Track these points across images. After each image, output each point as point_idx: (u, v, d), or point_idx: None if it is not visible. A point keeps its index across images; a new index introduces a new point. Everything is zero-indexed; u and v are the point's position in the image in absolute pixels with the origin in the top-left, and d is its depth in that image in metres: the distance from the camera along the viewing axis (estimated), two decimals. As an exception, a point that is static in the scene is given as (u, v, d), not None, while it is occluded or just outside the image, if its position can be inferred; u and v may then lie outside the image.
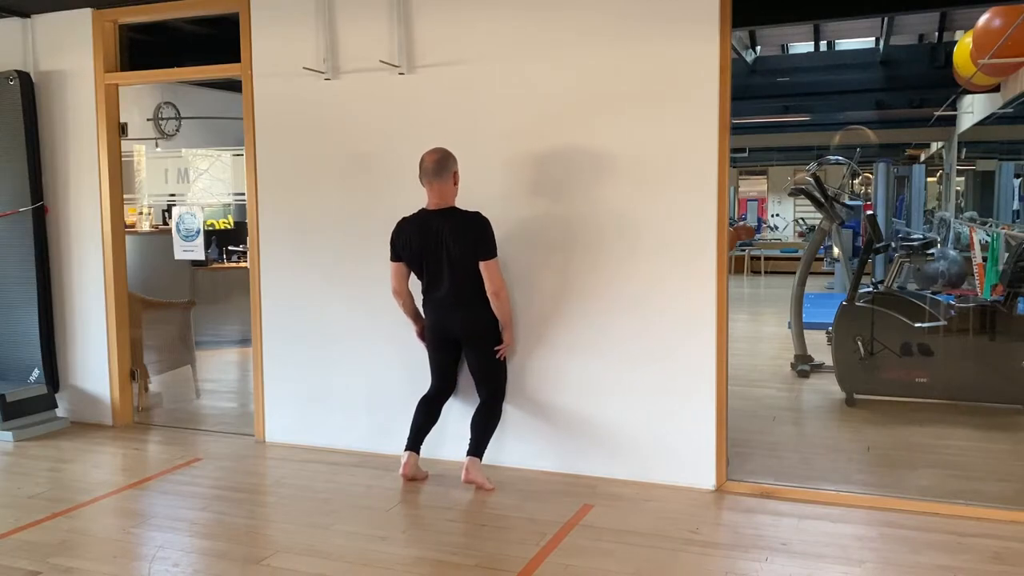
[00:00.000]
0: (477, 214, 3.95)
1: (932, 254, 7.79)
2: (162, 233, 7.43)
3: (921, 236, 9.48)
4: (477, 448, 4.02)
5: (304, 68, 4.58)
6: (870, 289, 6.02)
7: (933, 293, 6.65)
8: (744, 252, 14.91)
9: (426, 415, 4.16)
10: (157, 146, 8.55)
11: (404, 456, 4.11)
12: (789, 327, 6.83)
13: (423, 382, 4.25)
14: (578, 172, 4.13)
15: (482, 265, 3.90)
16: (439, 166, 3.93)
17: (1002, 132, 8.83)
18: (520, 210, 4.24)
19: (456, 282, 3.93)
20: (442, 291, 3.97)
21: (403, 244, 4.01)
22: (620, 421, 4.14)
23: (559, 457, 4.27)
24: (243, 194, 4.89)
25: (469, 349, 4.09)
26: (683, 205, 3.96)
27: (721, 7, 3.84)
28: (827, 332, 6.41)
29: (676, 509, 3.76)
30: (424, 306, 4.11)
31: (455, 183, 4.00)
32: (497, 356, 4.07)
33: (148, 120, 8.73)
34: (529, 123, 4.20)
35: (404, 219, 4.03)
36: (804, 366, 6.45)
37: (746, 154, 15.33)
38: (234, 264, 8.17)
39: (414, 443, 4.12)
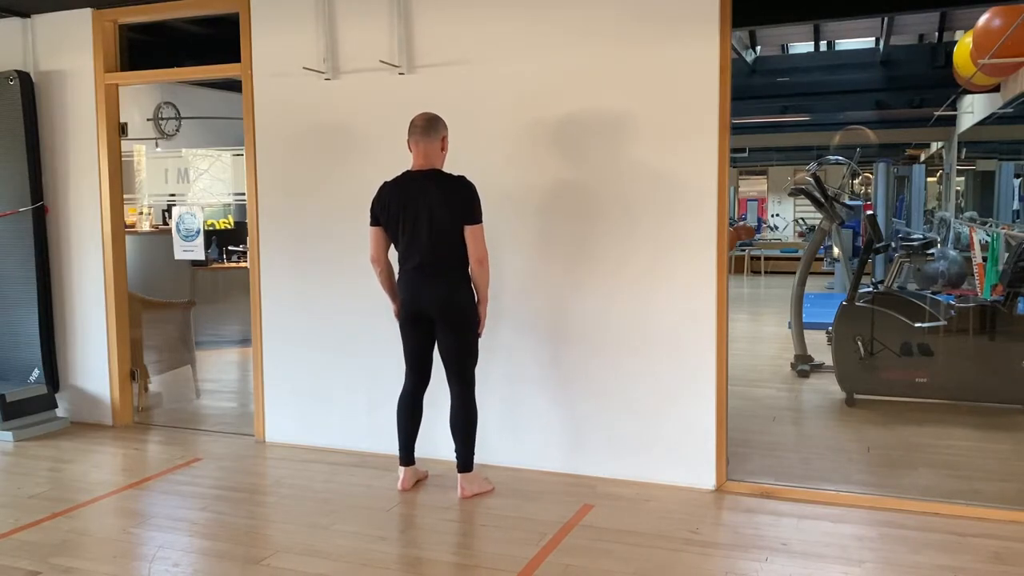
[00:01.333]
0: (463, 177, 3.81)
1: (932, 254, 7.79)
2: (162, 233, 7.44)
3: (921, 236, 9.48)
4: (466, 462, 3.92)
5: (304, 68, 4.58)
6: (870, 289, 6.02)
7: (933, 293, 6.65)
8: (744, 252, 14.92)
9: (410, 417, 4.01)
10: (157, 146, 8.56)
11: (400, 472, 4.06)
12: (789, 327, 6.83)
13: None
14: (578, 172, 4.13)
15: (468, 230, 3.72)
16: (429, 125, 3.79)
17: (1002, 132, 8.83)
18: (520, 209, 4.24)
19: (435, 249, 3.74)
20: (419, 258, 3.76)
21: (382, 206, 3.82)
22: (620, 421, 4.14)
23: (559, 457, 4.27)
24: (243, 194, 4.89)
25: (443, 326, 3.83)
26: (683, 205, 3.96)
27: (721, 7, 3.84)
28: (827, 332, 6.41)
29: (676, 509, 3.76)
30: (399, 280, 3.90)
31: (443, 148, 3.85)
32: (477, 331, 3.89)
33: (148, 120, 8.74)
34: (528, 123, 4.20)
35: (386, 182, 3.88)
36: (804, 366, 6.45)
37: (746, 154, 15.33)
38: (234, 264, 8.18)
39: (407, 457, 4.05)
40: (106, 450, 4.82)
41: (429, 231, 3.74)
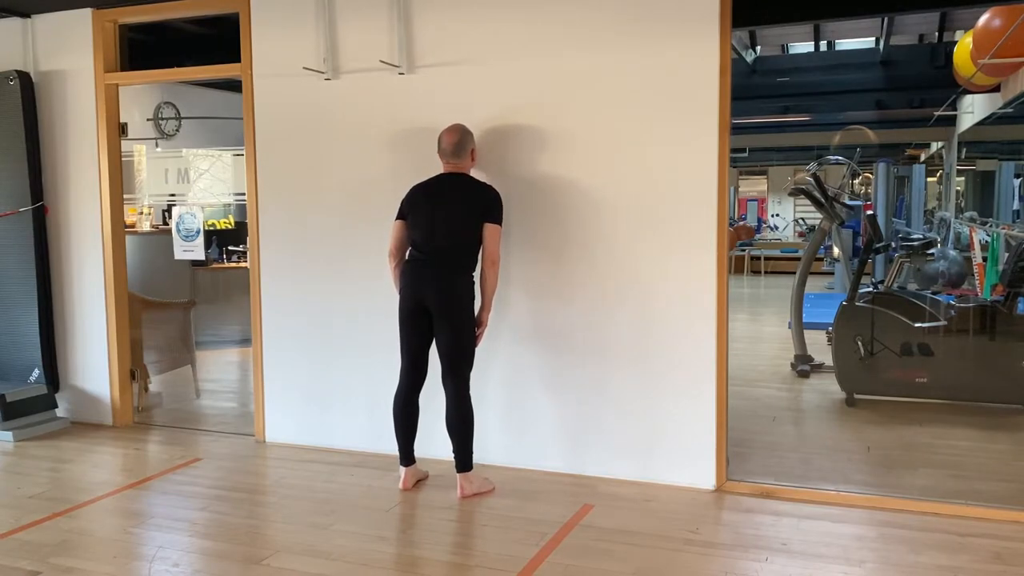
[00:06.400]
0: (491, 185, 4.01)
1: (932, 254, 7.79)
2: (162, 233, 7.44)
3: (921, 236, 9.48)
4: (464, 462, 3.93)
5: (304, 68, 4.58)
6: (870, 289, 6.02)
7: (933, 293, 6.65)
8: (744, 252, 14.92)
9: (406, 417, 4.01)
10: (157, 146, 8.56)
11: (401, 472, 4.07)
12: (789, 327, 6.83)
13: (423, 382, 4.23)
14: (577, 171, 4.13)
15: (488, 227, 3.87)
16: (458, 148, 3.98)
17: (1002, 132, 8.83)
18: (520, 209, 4.24)
19: (449, 244, 3.86)
20: (430, 250, 3.87)
21: (411, 201, 3.99)
22: (620, 421, 4.14)
23: (559, 457, 4.27)
24: (243, 194, 4.89)
25: (440, 321, 3.85)
26: (683, 205, 3.96)
27: (721, 7, 3.84)
28: (827, 332, 6.42)
29: (676, 509, 3.76)
30: (403, 269, 3.96)
31: (472, 160, 4.06)
32: (476, 337, 3.93)
33: (148, 120, 8.74)
34: (528, 123, 4.20)
35: (417, 183, 4.06)
36: (804, 366, 6.45)
37: (746, 154, 15.33)
38: (234, 264, 8.18)
39: (406, 457, 4.06)
40: (106, 450, 4.82)
41: (447, 226, 3.87)
